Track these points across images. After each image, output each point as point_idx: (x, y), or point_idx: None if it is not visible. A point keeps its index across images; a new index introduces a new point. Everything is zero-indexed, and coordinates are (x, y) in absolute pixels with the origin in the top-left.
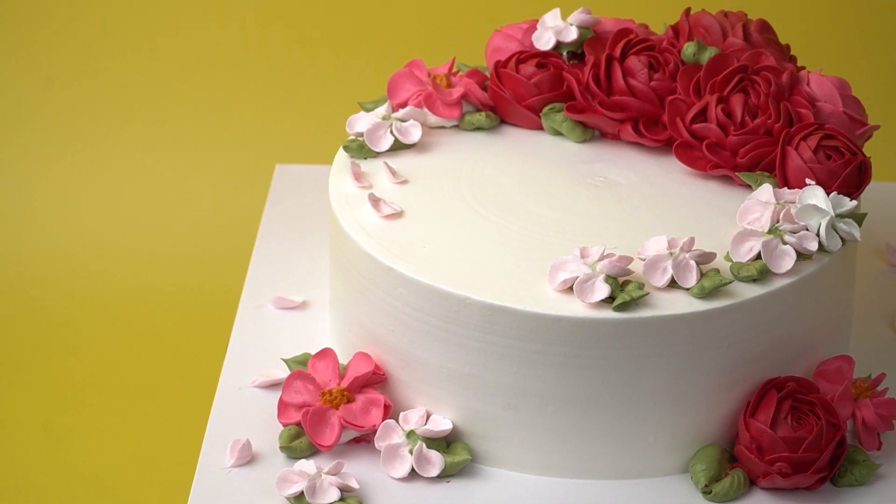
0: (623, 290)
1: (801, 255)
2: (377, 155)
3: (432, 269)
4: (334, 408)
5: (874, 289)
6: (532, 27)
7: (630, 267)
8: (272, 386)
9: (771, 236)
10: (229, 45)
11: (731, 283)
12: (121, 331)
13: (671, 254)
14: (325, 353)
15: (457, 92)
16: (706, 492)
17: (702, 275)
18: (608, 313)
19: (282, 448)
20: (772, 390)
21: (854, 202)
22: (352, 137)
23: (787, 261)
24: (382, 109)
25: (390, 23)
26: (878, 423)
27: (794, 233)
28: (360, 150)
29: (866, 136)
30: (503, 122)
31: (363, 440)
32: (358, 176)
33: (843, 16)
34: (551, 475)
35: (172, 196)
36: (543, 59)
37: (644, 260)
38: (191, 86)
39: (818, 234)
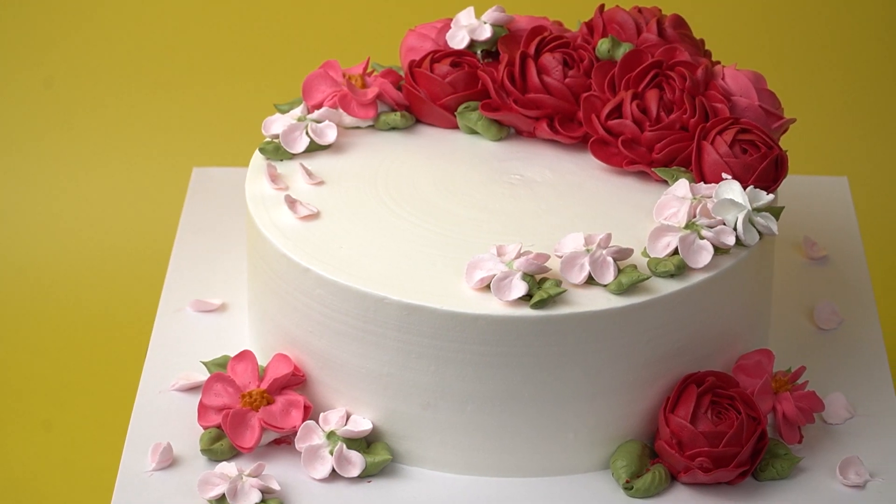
0: (540, 287)
1: (719, 250)
2: (293, 156)
3: (349, 270)
4: (254, 410)
5: (793, 282)
6: (446, 26)
7: (547, 264)
8: (192, 389)
9: (688, 231)
10: (145, 48)
11: (648, 278)
12: (39, 335)
13: (588, 250)
14: (244, 356)
15: (371, 92)
16: (627, 488)
17: (619, 271)
18: (526, 311)
19: (203, 451)
20: (691, 385)
21: (771, 196)
22: (268, 139)
23: (705, 255)
24: (298, 111)
25: (305, 24)
26: (799, 416)
27: (711, 227)
28: (276, 151)
29: (782, 130)
30: (418, 121)
31: (284, 442)
32: (274, 178)
33: (758, 9)
34: (472, 473)
35: (90, 200)
36: (458, 58)
37: (561, 257)
38: (106, 90)
39: (735, 229)
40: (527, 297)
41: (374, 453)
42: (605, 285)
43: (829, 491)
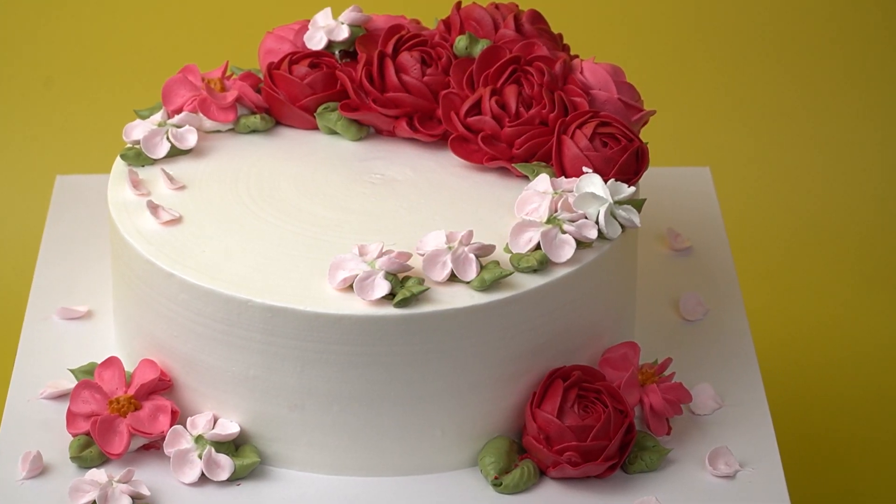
0: (403, 286)
1: (581, 244)
2: (154, 162)
3: (213, 274)
4: (122, 416)
5: (657, 274)
6: (304, 28)
7: (409, 263)
8: (60, 397)
9: (549, 226)
10: (4, 55)
11: (511, 274)
12: None
13: (450, 248)
14: (111, 362)
15: (231, 95)
16: (496, 484)
17: (481, 267)
18: (389, 310)
19: (72, 458)
20: (557, 380)
21: (632, 188)
22: (129, 145)
23: (567, 250)
24: (158, 116)
25: (163, 29)
26: (666, 408)
27: (573, 221)
28: (138, 157)
29: (642, 122)
30: (278, 123)
31: (153, 447)
32: (136, 183)
33: (615, 2)
34: (341, 474)
35: None
36: (316, 59)
37: (423, 255)
38: None
39: (597, 222)
40: (390, 296)
41: (243, 456)
42: (467, 282)
43: (699, 482)
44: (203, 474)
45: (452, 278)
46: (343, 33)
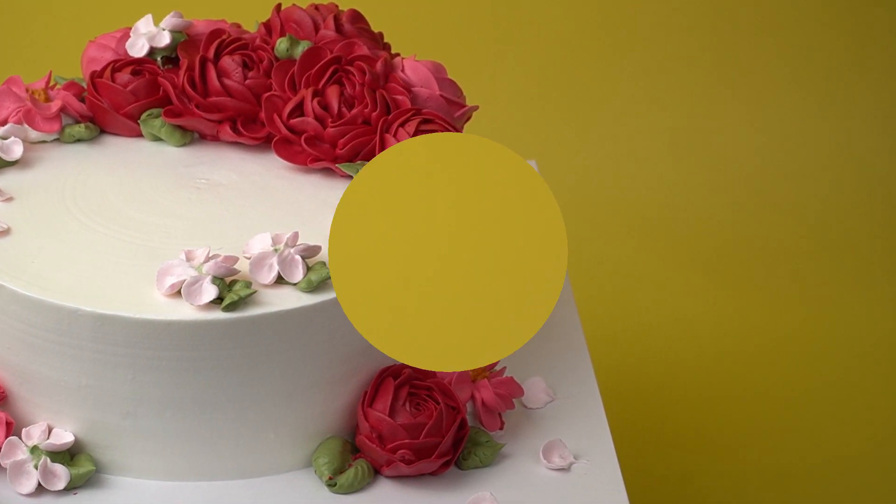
0: (231, 289)
1: None
2: None
3: (42, 284)
4: None
5: None
6: (125, 35)
7: (236, 266)
8: None
9: None
10: None
11: None
12: None
13: (276, 250)
14: None
15: (55, 105)
16: (331, 484)
17: (308, 269)
18: (217, 314)
19: None
20: (388, 378)
21: None
22: None
23: None
24: None
25: None
26: (498, 402)
27: None
28: None
29: (466, 118)
30: (103, 131)
31: None
32: None
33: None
34: (177, 479)
35: None
36: (139, 66)
37: (250, 258)
38: None
39: None
40: (218, 301)
41: (79, 465)
42: (294, 284)
43: (534, 475)
44: (40, 484)
45: (280, 280)
46: (164, 39)
